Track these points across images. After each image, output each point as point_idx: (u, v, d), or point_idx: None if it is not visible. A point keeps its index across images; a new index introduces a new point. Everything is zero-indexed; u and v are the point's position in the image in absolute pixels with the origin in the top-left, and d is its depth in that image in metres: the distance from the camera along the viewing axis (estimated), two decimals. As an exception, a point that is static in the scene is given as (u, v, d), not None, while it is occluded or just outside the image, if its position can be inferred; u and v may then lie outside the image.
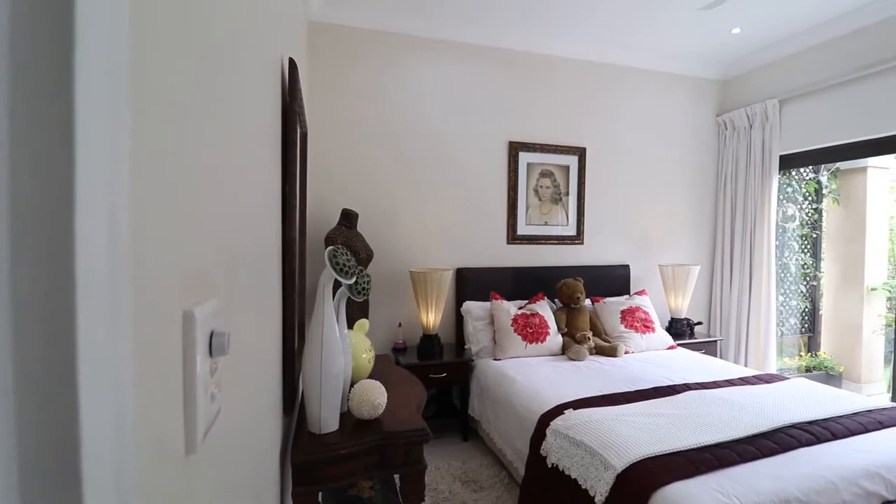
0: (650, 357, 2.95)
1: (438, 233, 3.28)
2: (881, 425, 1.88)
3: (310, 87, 2.90)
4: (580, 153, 3.62)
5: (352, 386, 1.41)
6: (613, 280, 3.66)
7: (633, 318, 3.20)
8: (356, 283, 1.29)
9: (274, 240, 1.15)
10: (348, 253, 1.26)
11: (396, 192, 3.16)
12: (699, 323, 3.77)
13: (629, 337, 3.12)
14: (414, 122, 3.19)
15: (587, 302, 3.33)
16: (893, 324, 3.01)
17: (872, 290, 4.30)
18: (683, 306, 3.60)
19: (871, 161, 4.24)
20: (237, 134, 0.70)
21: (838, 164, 4.42)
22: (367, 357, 1.59)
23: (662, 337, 3.24)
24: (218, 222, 0.57)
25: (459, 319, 3.22)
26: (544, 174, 3.56)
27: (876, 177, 4.33)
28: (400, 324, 3.09)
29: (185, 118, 0.43)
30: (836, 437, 1.77)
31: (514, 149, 3.44)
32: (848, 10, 2.97)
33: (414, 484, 1.37)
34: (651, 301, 3.47)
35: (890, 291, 4.22)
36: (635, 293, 3.49)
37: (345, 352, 1.35)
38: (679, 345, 3.33)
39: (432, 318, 2.90)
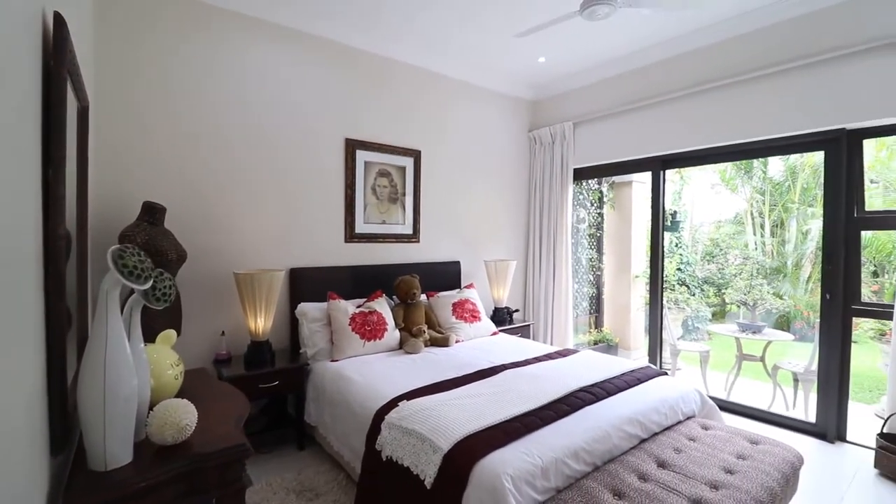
0: (477, 344, 3.25)
1: (269, 231, 3.04)
2: (639, 381, 2.43)
3: (103, 56, 2.39)
4: (415, 155, 3.77)
5: (151, 409, 1.21)
6: (446, 276, 3.92)
7: (462, 310, 3.49)
8: (154, 287, 1.11)
9: (29, 238, 0.91)
10: (142, 253, 1.08)
11: (219, 185, 2.82)
12: (517, 310, 4.31)
13: (459, 327, 3.38)
14: (241, 109, 2.88)
15: (423, 297, 3.50)
16: (649, 303, 3.93)
17: (636, 277, 5.54)
18: (504, 296, 4.07)
19: (636, 177, 5.45)
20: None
21: (614, 178, 5.56)
22: (172, 373, 1.38)
23: (487, 325, 3.61)
24: None
25: (294, 322, 3.05)
26: (382, 174, 3.61)
27: (639, 189, 5.57)
28: (223, 332, 2.77)
29: None
30: (609, 394, 2.22)
31: (352, 146, 3.40)
32: (624, 55, 3.74)
33: (233, 506, 1.25)
34: (478, 293, 3.84)
35: (647, 278, 5.48)
36: (465, 287, 3.80)
37: (139, 370, 1.15)
38: (501, 331, 3.75)
39: (262, 323, 2.68)
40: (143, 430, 1.22)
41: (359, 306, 3.05)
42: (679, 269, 6.57)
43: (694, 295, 6.52)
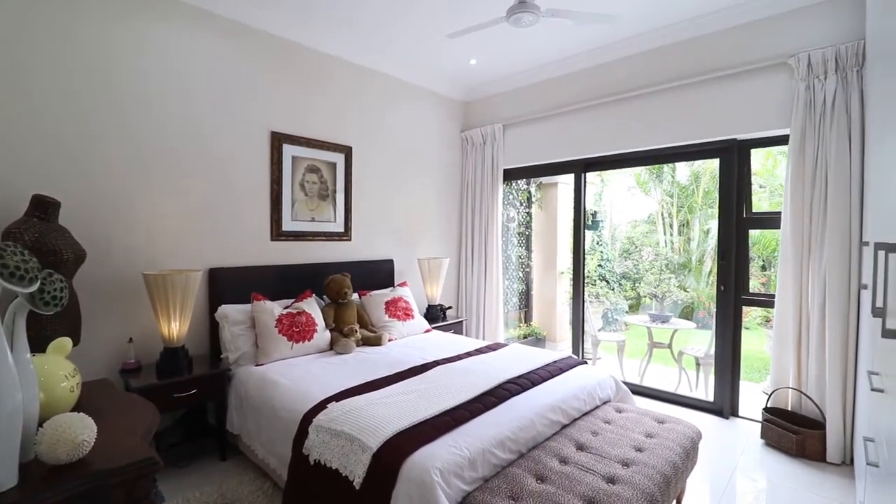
0: (410, 342, 3.26)
1: (185, 229, 2.83)
2: (561, 371, 2.57)
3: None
4: (347, 151, 3.70)
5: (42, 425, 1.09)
6: (379, 274, 3.89)
7: (395, 308, 3.48)
8: (41, 290, 1.00)
9: None
10: (26, 252, 0.96)
11: (126, 178, 2.56)
12: (450, 307, 4.38)
13: (392, 325, 3.37)
14: (152, 94, 2.64)
15: (355, 296, 3.45)
16: (572, 297, 4.17)
17: (561, 273, 5.85)
18: (437, 294, 4.12)
19: (561, 178, 5.75)
20: None
21: (541, 179, 5.82)
22: (67, 385, 1.25)
23: (420, 322, 3.63)
24: None
25: (214, 326, 2.87)
26: (311, 169, 3.49)
27: (564, 190, 5.88)
28: (131, 339, 2.53)
29: None
30: (534, 384, 2.33)
31: (278, 140, 3.26)
32: (550, 62, 3.92)
33: (141, 525, 1.16)
34: (412, 291, 3.85)
35: (571, 274, 5.81)
36: (398, 285, 3.80)
37: (25, 383, 1.03)
38: (434, 328, 3.79)
39: (177, 327, 2.49)
40: (31, 450, 1.10)
41: (286, 307, 2.93)
42: (600, 266, 7.04)
43: (613, 289, 7.02)
